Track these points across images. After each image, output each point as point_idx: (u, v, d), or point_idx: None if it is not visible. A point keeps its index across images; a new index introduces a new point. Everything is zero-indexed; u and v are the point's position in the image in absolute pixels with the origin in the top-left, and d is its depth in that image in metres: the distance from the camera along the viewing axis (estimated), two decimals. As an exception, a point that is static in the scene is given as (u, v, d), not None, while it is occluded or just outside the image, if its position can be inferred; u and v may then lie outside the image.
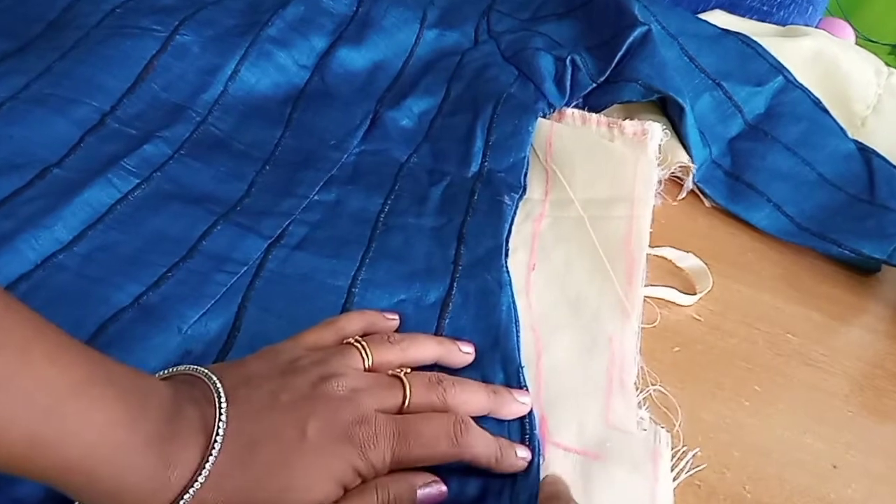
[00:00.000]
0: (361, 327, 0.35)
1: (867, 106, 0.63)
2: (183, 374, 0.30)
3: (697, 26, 0.63)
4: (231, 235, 0.40)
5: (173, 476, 0.26)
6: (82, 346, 0.25)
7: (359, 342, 0.33)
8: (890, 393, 0.44)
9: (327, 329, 0.34)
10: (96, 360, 0.25)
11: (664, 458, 0.35)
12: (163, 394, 0.27)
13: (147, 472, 0.25)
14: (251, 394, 0.29)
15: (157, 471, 0.25)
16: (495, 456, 0.32)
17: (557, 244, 0.45)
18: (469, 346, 0.36)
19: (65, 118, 0.42)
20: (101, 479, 0.24)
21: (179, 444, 0.26)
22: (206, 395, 0.28)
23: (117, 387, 0.25)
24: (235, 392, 0.29)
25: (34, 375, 0.23)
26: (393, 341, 0.34)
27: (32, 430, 0.23)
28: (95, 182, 0.39)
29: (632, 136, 0.52)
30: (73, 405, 0.24)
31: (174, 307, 0.36)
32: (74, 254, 0.36)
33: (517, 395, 0.34)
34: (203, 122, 0.46)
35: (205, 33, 0.49)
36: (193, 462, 0.26)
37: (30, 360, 0.23)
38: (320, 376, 0.30)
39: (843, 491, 0.38)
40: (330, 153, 0.47)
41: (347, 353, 0.33)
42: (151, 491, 0.25)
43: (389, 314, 0.37)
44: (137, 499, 0.25)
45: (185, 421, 0.27)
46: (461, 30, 0.60)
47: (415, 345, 0.35)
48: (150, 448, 0.25)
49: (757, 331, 0.45)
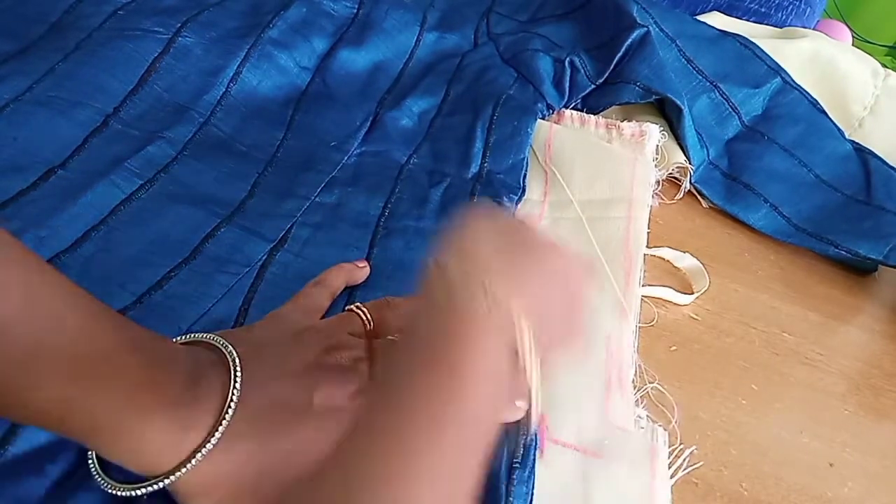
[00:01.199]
0: (343, 280, 0.39)
1: (864, 107, 0.63)
2: (199, 342, 0.31)
3: (695, 28, 0.63)
4: (234, 238, 0.40)
5: (189, 437, 0.27)
6: (112, 313, 0.27)
7: (360, 308, 0.35)
8: (886, 392, 0.44)
9: (318, 289, 0.37)
10: (125, 327, 0.27)
11: (662, 455, 0.36)
12: (185, 360, 0.29)
13: (167, 433, 0.27)
14: (262, 362, 0.31)
15: (175, 432, 0.27)
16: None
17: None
18: None
19: (68, 120, 0.42)
20: (124, 438, 0.26)
21: (198, 408, 0.28)
22: (222, 360, 0.30)
23: (144, 352, 0.27)
24: (247, 359, 0.30)
25: (68, 340, 0.24)
26: (392, 306, 0.36)
27: (65, 392, 0.24)
28: (99, 183, 0.40)
29: (630, 138, 0.52)
30: (103, 370, 0.25)
31: (177, 307, 0.36)
32: (78, 255, 0.37)
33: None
34: (206, 122, 0.46)
35: (207, 35, 0.50)
36: (208, 425, 0.28)
37: (64, 327, 0.24)
38: (326, 347, 0.32)
39: (839, 489, 0.38)
40: (331, 154, 0.47)
41: (350, 321, 0.35)
42: (168, 449, 0.27)
43: (360, 263, 0.40)
44: (155, 456, 0.27)
45: (204, 386, 0.28)
46: (461, 32, 0.61)
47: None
48: (171, 411, 0.27)
49: (754, 330, 0.45)
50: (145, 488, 0.27)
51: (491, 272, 0.25)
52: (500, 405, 0.27)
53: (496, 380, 0.25)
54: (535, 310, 0.25)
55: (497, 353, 0.24)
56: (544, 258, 0.27)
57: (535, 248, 0.27)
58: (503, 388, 0.26)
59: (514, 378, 0.25)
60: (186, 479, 0.27)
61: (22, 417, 0.26)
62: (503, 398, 0.27)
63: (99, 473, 0.28)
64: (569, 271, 0.28)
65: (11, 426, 0.29)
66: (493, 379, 0.25)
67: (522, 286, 0.25)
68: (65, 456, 0.29)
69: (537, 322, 0.25)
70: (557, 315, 0.27)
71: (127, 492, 0.27)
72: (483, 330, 0.24)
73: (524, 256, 0.26)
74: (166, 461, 0.27)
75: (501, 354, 0.25)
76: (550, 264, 0.27)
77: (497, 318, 0.24)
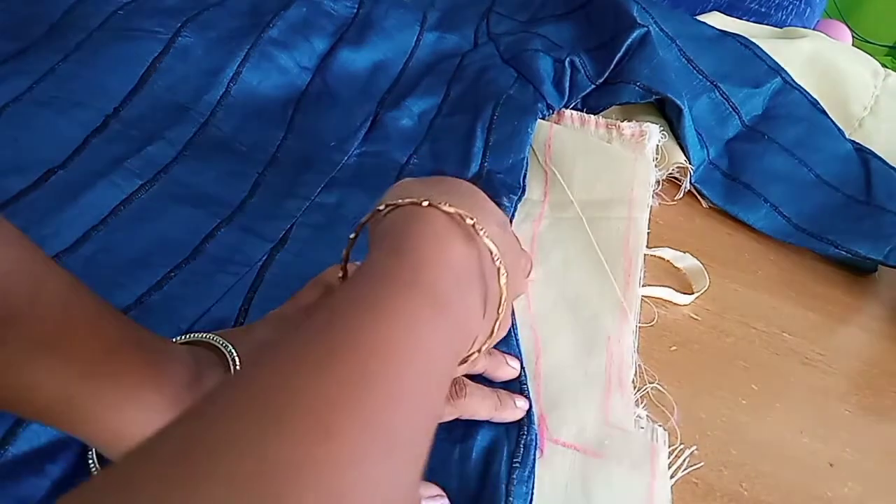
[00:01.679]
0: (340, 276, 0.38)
1: (864, 107, 0.63)
2: (199, 342, 0.31)
3: (696, 28, 0.63)
4: (234, 238, 0.40)
5: None
6: (115, 312, 0.27)
7: None
8: (886, 392, 0.44)
9: (318, 289, 0.36)
10: (128, 326, 0.27)
11: (662, 455, 0.36)
12: (185, 360, 0.29)
13: None
14: None
15: None
16: (495, 406, 0.34)
17: (556, 245, 0.45)
18: None
19: (69, 120, 0.42)
20: (125, 434, 0.26)
21: None
22: (222, 361, 0.30)
23: (146, 351, 0.27)
24: (247, 359, 0.30)
25: (74, 338, 0.24)
26: None
27: (68, 389, 0.24)
28: (99, 183, 0.40)
29: (630, 138, 0.52)
30: (106, 367, 0.25)
31: (176, 307, 0.36)
32: (79, 255, 0.37)
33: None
34: (206, 122, 0.46)
35: (207, 35, 0.50)
36: None
37: (70, 325, 0.24)
38: None
39: (839, 489, 0.38)
40: (331, 154, 0.47)
41: None
42: None
43: (359, 263, 0.39)
44: None
45: (204, 385, 0.28)
46: (461, 32, 0.61)
47: None
48: (172, 409, 0.27)
49: (754, 330, 0.45)
50: None
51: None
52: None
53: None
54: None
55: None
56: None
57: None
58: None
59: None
60: None
61: (26, 414, 0.26)
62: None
63: (99, 472, 0.28)
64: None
65: (12, 426, 0.29)
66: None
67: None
68: (65, 456, 0.29)
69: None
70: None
71: None
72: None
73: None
74: None
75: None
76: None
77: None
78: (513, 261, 0.29)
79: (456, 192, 0.29)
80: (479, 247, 0.26)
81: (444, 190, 0.28)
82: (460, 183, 0.30)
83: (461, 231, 0.26)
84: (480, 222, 0.26)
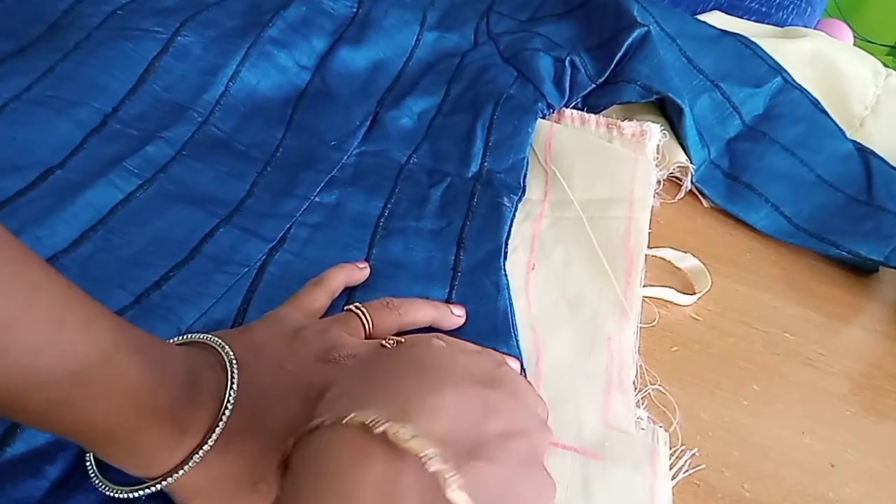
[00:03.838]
0: (343, 280, 0.38)
1: (865, 107, 0.63)
2: (196, 342, 0.31)
3: (696, 27, 0.63)
4: (233, 238, 0.40)
5: (186, 439, 0.27)
6: (110, 314, 0.26)
7: (359, 309, 0.36)
8: (888, 392, 0.44)
9: (317, 289, 0.37)
10: (123, 328, 0.27)
11: (663, 457, 0.36)
12: (182, 361, 0.29)
13: (164, 434, 0.27)
14: (259, 362, 0.31)
15: (172, 433, 0.27)
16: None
17: (557, 245, 0.45)
18: (460, 310, 0.39)
19: (67, 119, 0.42)
20: (121, 438, 0.26)
21: (195, 409, 0.28)
22: (219, 361, 0.30)
23: (142, 354, 0.26)
24: (244, 360, 0.30)
25: (68, 341, 0.24)
26: (391, 307, 0.36)
27: (63, 392, 0.24)
28: (97, 183, 0.39)
29: (630, 137, 0.52)
30: (101, 370, 0.25)
31: (175, 307, 0.36)
32: (77, 255, 0.36)
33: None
34: (205, 122, 0.46)
35: (206, 34, 0.50)
36: (205, 426, 0.28)
37: (64, 327, 0.24)
38: (323, 347, 0.32)
39: (841, 490, 0.38)
40: (330, 154, 0.47)
41: (348, 321, 0.35)
42: (165, 451, 0.27)
43: (360, 263, 0.40)
44: (151, 457, 0.27)
45: (200, 388, 0.28)
46: (461, 31, 0.61)
47: (412, 308, 0.37)
48: (169, 412, 0.27)
49: (755, 330, 0.45)
50: (143, 490, 0.27)
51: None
52: None
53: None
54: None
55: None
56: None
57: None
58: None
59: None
60: (184, 481, 0.27)
61: (21, 418, 0.26)
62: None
63: (97, 475, 0.28)
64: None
65: (10, 427, 0.29)
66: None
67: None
68: (63, 457, 0.29)
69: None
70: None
71: (125, 494, 0.27)
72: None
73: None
74: (164, 463, 0.27)
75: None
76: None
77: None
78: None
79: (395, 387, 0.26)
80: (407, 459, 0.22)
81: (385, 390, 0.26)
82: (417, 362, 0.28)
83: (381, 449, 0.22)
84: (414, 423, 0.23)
